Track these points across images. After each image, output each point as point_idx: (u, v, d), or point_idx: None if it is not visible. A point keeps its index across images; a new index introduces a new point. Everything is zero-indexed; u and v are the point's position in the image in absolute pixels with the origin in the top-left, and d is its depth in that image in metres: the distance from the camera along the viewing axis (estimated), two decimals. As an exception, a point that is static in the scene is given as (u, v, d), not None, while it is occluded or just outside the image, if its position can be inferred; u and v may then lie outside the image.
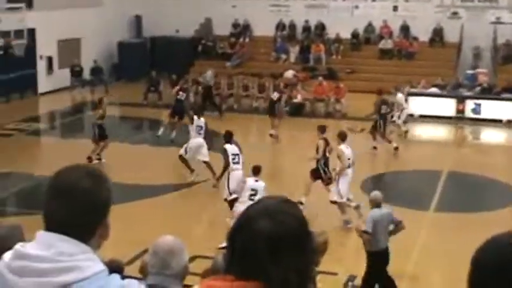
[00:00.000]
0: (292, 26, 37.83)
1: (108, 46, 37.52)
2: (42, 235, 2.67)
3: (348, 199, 17.17)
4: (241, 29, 38.44)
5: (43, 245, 2.63)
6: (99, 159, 21.89)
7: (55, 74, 34.43)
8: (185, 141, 20.78)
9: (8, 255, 2.68)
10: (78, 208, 2.67)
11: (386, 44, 35.97)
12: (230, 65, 36.29)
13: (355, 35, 36.70)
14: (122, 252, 11.37)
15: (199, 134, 20.52)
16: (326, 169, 17.73)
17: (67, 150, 22.30)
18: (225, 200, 16.50)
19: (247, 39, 38.25)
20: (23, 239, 4.48)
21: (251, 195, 14.90)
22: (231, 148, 17.66)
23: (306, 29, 37.58)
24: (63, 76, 34.01)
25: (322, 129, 18.24)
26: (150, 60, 37.72)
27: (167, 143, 24.50)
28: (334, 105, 29.64)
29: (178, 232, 5.38)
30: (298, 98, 29.78)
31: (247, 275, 2.38)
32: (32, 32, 31.38)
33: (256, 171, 15.45)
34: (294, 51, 36.67)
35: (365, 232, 12.63)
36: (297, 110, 29.40)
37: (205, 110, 26.92)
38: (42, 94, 33.54)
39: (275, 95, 26.59)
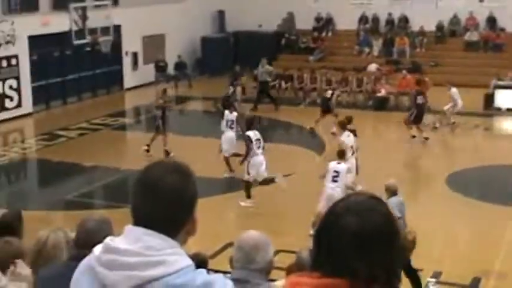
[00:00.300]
0: (376, 19, 37.49)
1: (192, 41, 37.84)
2: (131, 229, 2.71)
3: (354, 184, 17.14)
4: (324, 23, 38.28)
5: (131, 239, 2.67)
6: (147, 150, 22.03)
7: (140, 69, 34.93)
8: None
9: (98, 249, 2.73)
10: (166, 203, 2.70)
11: (472, 36, 35.29)
12: (313, 59, 36.19)
13: (439, 27, 36.12)
14: (206, 245, 11.48)
15: (231, 128, 20.38)
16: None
17: (152, 145, 22.57)
18: (243, 181, 17.46)
19: (329, 33, 38.10)
20: (112, 233, 4.57)
21: (334, 176, 15.65)
22: (253, 134, 18.06)
23: (390, 22, 37.19)
24: (148, 71, 34.47)
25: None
26: (233, 55, 37.91)
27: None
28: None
29: (261, 226, 5.39)
30: (382, 92, 29.53)
31: (333, 272, 2.38)
32: (117, 29, 31.88)
33: (340, 154, 16.21)
34: (377, 44, 36.34)
35: None
36: (381, 104, 29.14)
37: (259, 103, 27.40)
38: (128, 89, 34.09)
39: (328, 93, 26.25)
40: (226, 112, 20.72)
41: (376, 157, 21.69)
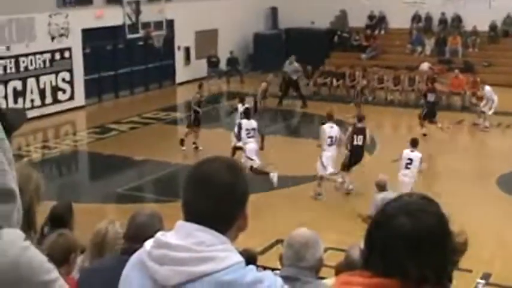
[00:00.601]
0: (428, 18, 37.17)
1: (244, 37, 37.92)
2: (182, 225, 2.72)
3: (333, 173, 18.24)
4: (377, 21, 38.07)
5: (182, 235, 2.68)
6: (196, 147, 22.17)
7: (192, 64, 35.08)
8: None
9: (149, 243, 2.74)
10: (218, 200, 2.70)
11: (526, 36, 34.84)
12: (365, 57, 36.04)
13: (492, 27, 35.67)
14: (254, 241, 11.48)
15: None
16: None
17: (203, 140, 22.67)
18: (251, 169, 18.16)
19: (382, 32, 37.89)
20: (162, 227, 4.59)
21: (407, 164, 16.81)
22: (248, 123, 19.40)
23: (443, 21, 36.84)
24: (200, 66, 34.61)
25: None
26: (285, 52, 37.86)
27: (302, 134, 24.64)
28: (471, 99, 28.94)
29: (310, 224, 5.38)
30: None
31: (385, 272, 2.37)
32: (170, 23, 32.02)
33: (413, 143, 17.28)
34: (430, 43, 36.04)
35: (369, 217, 12.33)
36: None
37: (283, 99, 27.53)
38: (180, 84, 34.26)
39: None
40: (244, 121, 19.82)
41: (426, 156, 21.50)
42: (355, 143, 18.65)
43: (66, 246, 5.90)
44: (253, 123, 19.61)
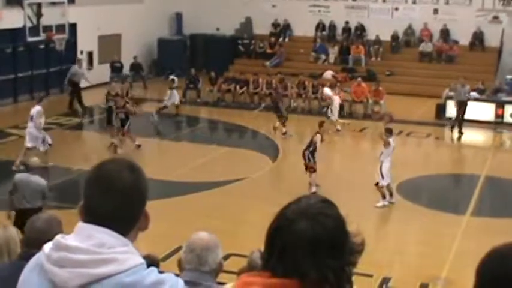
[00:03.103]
0: (332, 27, 37.71)
1: (149, 43, 37.74)
2: (82, 227, 2.69)
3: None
4: (281, 29, 38.42)
5: (83, 237, 2.65)
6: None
7: (95, 69, 34.68)
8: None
9: (48, 246, 2.71)
10: (120, 200, 2.69)
11: (426, 47, 35.70)
12: (269, 64, 36.30)
13: (395, 37, 36.48)
14: (157, 247, 11.43)
15: None
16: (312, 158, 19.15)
17: (103, 144, 22.42)
18: None
19: (287, 39, 38.25)
20: (61, 231, 4.53)
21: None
22: None
23: (346, 30, 37.44)
24: (103, 71, 34.23)
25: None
26: (190, 58, 37.88)
27: (205, 140, 24.68)
28: (373, 107, 29.49)
29: (212, 229, 5.39)
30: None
31: (284, 273, 2.40)
32: (73, 27, 31.52)
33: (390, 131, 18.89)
34: (334, 52, 36.58)
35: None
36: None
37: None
38: (82, 89, 33.76)
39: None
40: None
41: (328, 163, 21.86)
42: None
43: None
44: None
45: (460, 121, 26.53)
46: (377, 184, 18.37)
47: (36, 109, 21.03)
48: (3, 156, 22.32)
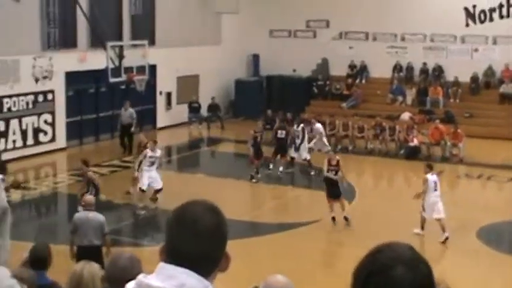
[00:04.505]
0: (410, 68, 37.46)
1: (226, 84, 38.10)
2: (164, 267, 2.72)
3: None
4: (358, 70, 38.36)
5: (164, 277, 2.67)
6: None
7: (173, 109, 35.18)
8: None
9: (131, 285, 2.75)
10: (204, 242, 2.71)
11: (507, 88, 35.10)
12: (346, 106, 36.24)
13: (474, 78, 35.96)
14: (232, 287, 11.44)
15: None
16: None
17: (182, 184, 22.64)
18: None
19: (363, 81, 38.16)
20: (141, 270, 4.59)
21: (435, 186, 18.88)
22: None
23: (424, 71, 37.12)
24: (181, 112, 34.70)
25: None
26: (266, 99, 38.08)
27: (281, 182, 24.71)
28: (451, 150, 29.09)
29: (287, 271, 5.34)
30: (415, 142, 29.37)
31: None
32: (153, 68, 32.05)
33: (430, 166, 19.48)
34: (411, 93, 36.29)
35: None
36: (413, 153, 28.95)
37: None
38: (160, 128, 34.32)
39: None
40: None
41: (405, 206, 21.60)
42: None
43: None
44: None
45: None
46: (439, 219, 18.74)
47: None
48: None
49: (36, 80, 28.22)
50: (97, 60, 27.84)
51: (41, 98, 28.46)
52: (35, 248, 8.09)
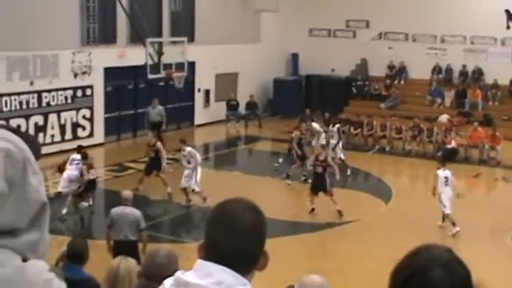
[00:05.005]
0: (449, 70, 37.21)
1: (264, 82, 38.11)
2: (202, 264, 2.73)
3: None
4: (397, 71, 38.18)
5: (202, 274, 2.69)
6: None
7: (211, 106, 35.27)
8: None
9: (169, 282, 2.76)
10: (244, 239, 2.72)
11: (546, 91, 34.79)
12: (384, 106, 36.09)
13: (514, 81, 35.67)
14: (268, 286, 11.44)
15: None
16: None
17: (219, 182, 22.70)
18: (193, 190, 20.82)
19: (402, 82, 37.97)
20: (178, 266, 4.61)
21: (446, 181, 19.41)
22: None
23: (463, 73, 36.85)
24: (219, 109, 34.79)
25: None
26: (305, 98, 38.06)
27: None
28: (489, 153, 28.86)
29: (323, 271, 5.33)
30: (452, 144, 29.18)
31: None
32: (192, 65, 32.15)
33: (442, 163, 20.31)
34: (450, 95, 36.05)
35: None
36: (450, 155, 28.73)
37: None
38: (198, 126, 34.44)
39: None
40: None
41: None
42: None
43: None
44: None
45: None
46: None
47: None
48: (122, 188, 22.83)
49: (75, 75, 28.45)
50: (136, 56, 28.03)
51: (79, 93, 28.69)
52: (72, 243, 8.18)
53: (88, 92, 29.06)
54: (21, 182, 2.13)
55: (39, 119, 27.16)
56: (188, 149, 21.91)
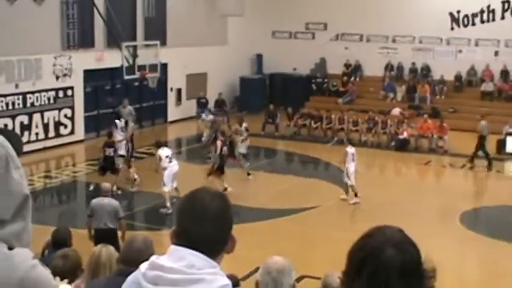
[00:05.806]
0: (400, 67, 37.48)
1: (231, 81, 38.08)
2: (175, 249, 2.76)
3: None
4: (353, 69, 38.36)
5: (175, 258, 2.72)
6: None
7: (183, 104, 35.19)
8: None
9: (144, 266, 2.78)
10: (213, 227, 2.76)
11: (488, 86, 35.13)
12: (342, 101, 36.25)
13: (458, 77, 36.04)
14: (236, 268, 11.47)
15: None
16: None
17: (191, 173, 22.67)
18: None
19: (358, 79, 38.15)
20: (154, 251, 4.62)
21: (352, 157, 20.61)
22: (163, 152, 20.34)
23: (413, 70, 37.16)
24: (190, 107, 34.70)
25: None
26: (269, 95, 38.12)
27: (282, 171, 24.71)
28: (437, 142, 29.14)
29: (286, 253, 5.35)
30: (404, 134, 29.42)
31: None
32: (164, 67, 32.00)
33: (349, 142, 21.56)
34: (401, 90, 36.31)
35: None
36: (402, 145, 29.03)
37: None
38: (171, 122, 34.37)
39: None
40: None
41: (394, 193, 21.67)
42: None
43: (76, 260, 5.98)
44: (168, 150, 20.78)
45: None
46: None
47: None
48: (102, 181, 22.71)
49: (57, 78, 28.27)
50: (113, 59, 27.87)
51: (61, 94, 28.49)
52: (56, 231, 8.15)
53: (69, 92, 28.86)
54: (5, 177, 2.14)
55: (24, 119, 26.94)
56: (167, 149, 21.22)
